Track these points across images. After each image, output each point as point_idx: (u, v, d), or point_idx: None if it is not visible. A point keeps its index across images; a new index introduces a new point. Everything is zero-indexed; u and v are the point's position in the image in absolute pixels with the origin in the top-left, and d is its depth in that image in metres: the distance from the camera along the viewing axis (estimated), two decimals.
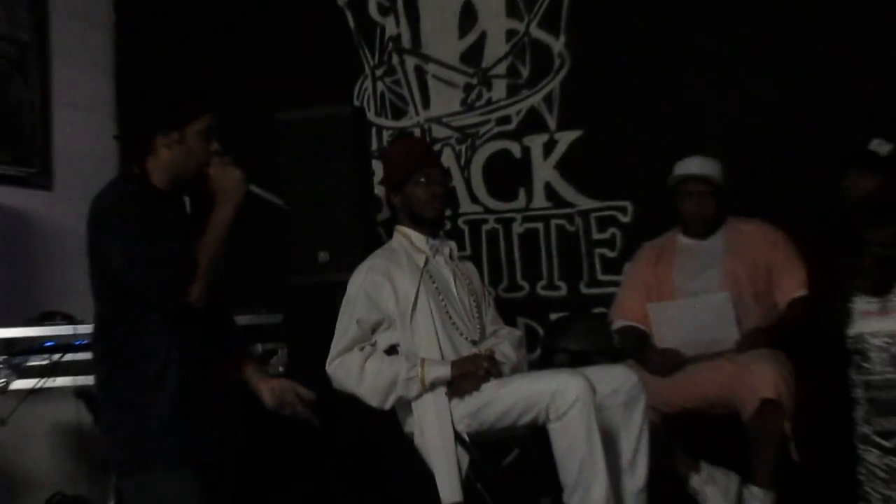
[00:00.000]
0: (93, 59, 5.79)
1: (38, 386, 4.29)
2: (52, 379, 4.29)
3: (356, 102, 5.57)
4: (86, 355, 4.00)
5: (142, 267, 3.02)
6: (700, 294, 4.54)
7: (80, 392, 4.32)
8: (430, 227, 4.29)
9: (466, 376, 4.00)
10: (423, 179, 4.22)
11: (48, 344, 4.34)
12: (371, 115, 5.55)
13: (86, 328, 4.06)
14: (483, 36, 5.47)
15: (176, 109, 3.14)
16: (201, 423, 3.12)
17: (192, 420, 3.09)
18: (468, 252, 5.30)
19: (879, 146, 4.35)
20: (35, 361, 4.33)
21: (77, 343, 4.29)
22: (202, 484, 3.09)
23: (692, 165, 4.61)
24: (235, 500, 3.28)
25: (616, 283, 4.95)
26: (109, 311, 3.12)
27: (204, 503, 3.09)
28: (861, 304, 4.13)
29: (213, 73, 5.58)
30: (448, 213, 5.18)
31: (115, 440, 3.13)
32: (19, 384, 4.30)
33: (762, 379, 4.20)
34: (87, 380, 3.89)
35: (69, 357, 4.30)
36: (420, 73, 5.59)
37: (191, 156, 3.15)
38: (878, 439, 4.05)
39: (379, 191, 4.85)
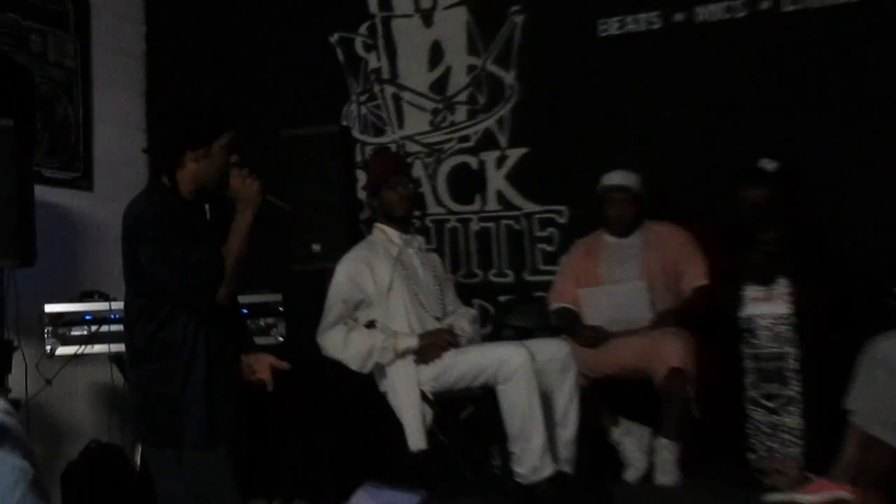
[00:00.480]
0: (127, 83, 5.76)
1: (79, 352, 4.27)
2: (90, 346, 4.27)
3: (344, 122, 5.55)
4: (118, 327, 3.99)
5: (178, 272, 2.95)
6: (621, 282, 4.58)
7: (113, 357, 4.29)
8: (402, 224, 4.33)
9: (431, 346, 4.06)
10: (398, 187, 4.25)
11: (87, 317, 4.32)
12: (356, 133, 5.53)
13: (118, 304, 4.04)
14: (448, 70, 5.48)
15: (204, 127, 3.08)
16: (224, 406, 3.05)
17: (216, 404, 3.03)
18: (434, 245, 5.31)
19: (767, 164, 4.40)
20: (76, 332, 4.30)
21: (111, 317, 4.27)
22: (230, 460, 3.04)
23: (616, 177, 4.65)
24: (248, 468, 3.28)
25: (553, 273, 4.96)
26: (141, 309, 3.04)
27: (233, 476, 3.04)
28: (751, 291, 4.19)
29: (229, 97, 5.56)
30: (417, 213, 5.21)
31: (147, 420, 3.07)
32: (63, 350, 4.28)
33: (670, 351, 4.25)
34: (120, 347, 3.88)
35: (105, 328, 4.28)
36: (396, 99, 5.59)
37: (215, 167, 3.08)
38: (763, 401, 4.10)
39: (361, 195, 4.84)
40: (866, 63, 4.58)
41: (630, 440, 4.45)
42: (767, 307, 4.14)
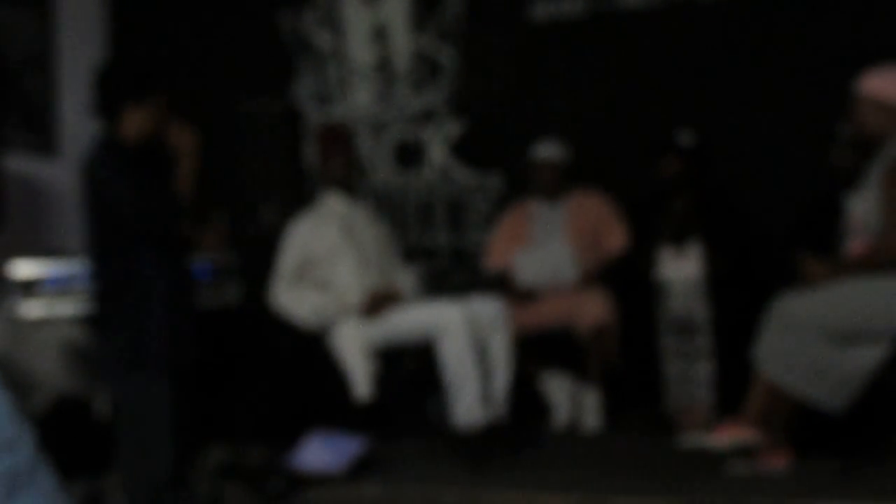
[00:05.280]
0: (91, 57, 5.52)
1: (46, 311, 4.09)
2: (56, 305, 4.09)
3: (293, 97, 5.45)
4: (83, 286, 3.85)
5: (141, 207, 2.99)
6: (549, 244, 4.55)
7: (78, 317, 4.13)
8: (348, 190, 4.26)
9: (375, 304, 4.02)
10: (341, 156, 4.19)
11: (54, 277, 4.13)
12: (304, 108, 5.44)
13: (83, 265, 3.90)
14: (391, 47, 5.41)
15: (140, 82, 3.09)
16: (182, 335, 3.09)
17: (175, 333, 3.06)
18: (378, 210, 5.25)
19: (683, 137, 4.39)
20: (43, 290, 4.11)
21: (77, 277, 4.10)
22: (177, 384, 3.06)
23: (545, 149, 4.63)
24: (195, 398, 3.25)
25: (488, 237, 4.92)
26: (106, 251, 3.06)
27: (176, 399, 3.06)
28: (666, 253, 4.20)
29: (186, 73, 5.44)
30: (362, 180, 5.21)
31: (109, 351, 3.08)
32: (30, 309, 4.10)
33: (594, 308, 4.27)
34: (85, 307, 3.76)
35: (70, 288, 4.09)
36: (343, 75, 5.49)
37: (152, 120, 3.08)
38: (677, 353, 4.12)
39: (310, 163, 4.75)
40: (769, 48, 4.59)
41: (557, 389, 4.46)
42: (680, 267, 4.14)
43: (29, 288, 4.09)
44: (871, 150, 3.43)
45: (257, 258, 4.38)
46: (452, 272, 5.04)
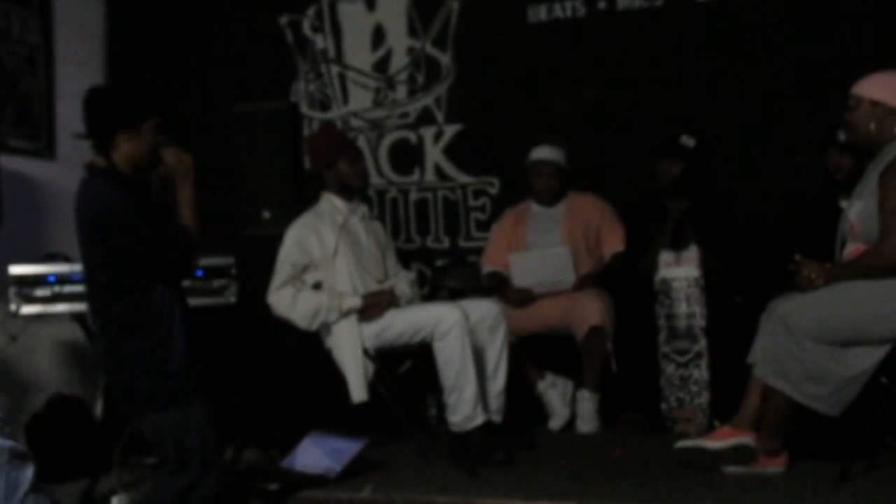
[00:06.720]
0: (88, 59, 5.59)
1: (43, 311, 4.12)
2: (53, 305, 4.12)
3: (293, 99, 5.46)
4: (80, 287, 3.86)
5: (157, 249, 2.96)
6: (546, 248, 4.57)
7: (75, 316, 4.16)
8: (353, 194, 4.27)
9: (373, 306, 4.03)
10: (351, 159, 4.21)
11: (50, 278, 4.17)
12: (304, 109, 5.45)
13: (80, 265, 3.91)
14: (390, 51, 5.42)
15: (133, 110, 3.06)
16: (199, 363, 3.07)
17: (196, 362, 3.04)
18: (376, 213, 5.27)
19: (687, 140, 4.40)
20: (40, 292, 4.14)
21: (73, 277, 4.12)
22: (209, 412, 3.05)
23: (542, 152, 4.64)
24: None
25: (485, 239, 4.95)
26: (115, 286, 2.99)
27: (213, 422, 3.05)
28: (664, 256, 4.22)
29: (184, 75, 5.46)
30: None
31: (138, 389, 3.02)
32: (27, 309, 4.13)
33: (591, 311, 4.27)
34: (81, 306, 3.78)
35: (67, 289, 4.12)
36: (341, 77, 5.51)
37: (146, 147, 3.05)
38: (674, 356, 4.13)
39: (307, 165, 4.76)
40: (768, 49, 4.62)
41: (554, 392, 4.46)
42: (679, 271, 4.17)
43: (27, 288, 4.12)
44: (868, 155, 3.46)
45: (255, 259, 4.39)
46: (450, 275, 5.04)
